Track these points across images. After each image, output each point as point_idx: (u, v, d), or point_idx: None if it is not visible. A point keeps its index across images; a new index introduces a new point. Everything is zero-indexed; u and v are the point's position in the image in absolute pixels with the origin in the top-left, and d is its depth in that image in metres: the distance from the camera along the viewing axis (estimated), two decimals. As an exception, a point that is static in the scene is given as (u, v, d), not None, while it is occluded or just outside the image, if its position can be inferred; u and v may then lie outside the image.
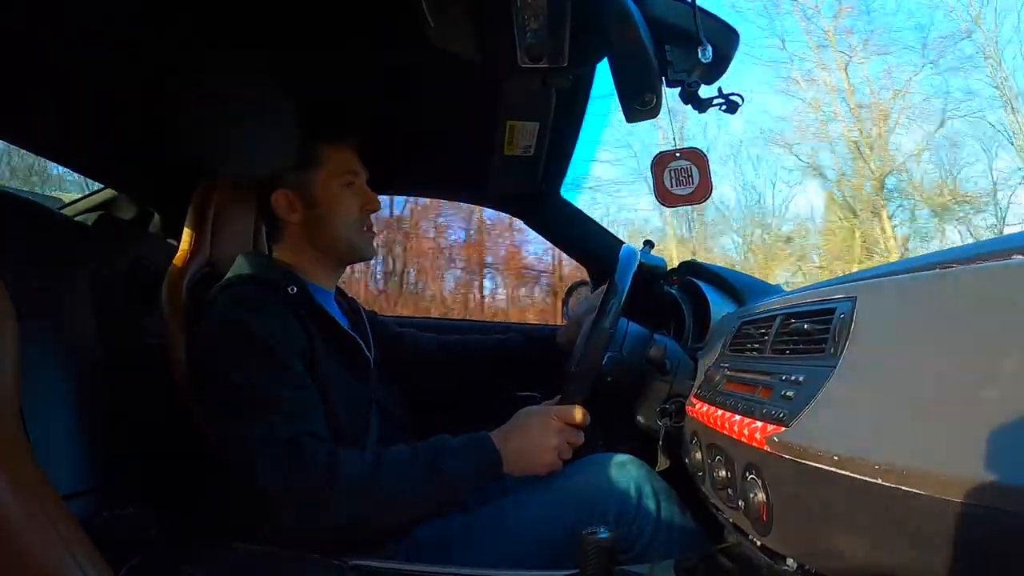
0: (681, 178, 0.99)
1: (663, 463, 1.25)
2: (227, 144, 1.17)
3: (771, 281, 1.69)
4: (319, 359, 1.10)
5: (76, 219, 1.31)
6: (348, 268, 1.39)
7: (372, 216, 1.31)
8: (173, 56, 1.12)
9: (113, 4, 0.97)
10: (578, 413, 1.12)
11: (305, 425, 1.00)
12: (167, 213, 1.59)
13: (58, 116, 1.25)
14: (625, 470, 1.13)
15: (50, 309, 1.02)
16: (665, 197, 1.00)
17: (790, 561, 0.79)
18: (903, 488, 0.54)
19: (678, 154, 0.99)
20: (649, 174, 1.01)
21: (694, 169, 0.99)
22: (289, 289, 1.14)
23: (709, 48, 0.88)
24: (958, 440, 0.51)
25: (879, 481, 0.57)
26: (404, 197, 8.88)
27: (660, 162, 1.00)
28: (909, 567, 0.58)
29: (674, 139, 0.99)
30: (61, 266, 1.09)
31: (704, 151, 1.00)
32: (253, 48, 1.16)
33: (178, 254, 1.18)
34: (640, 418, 1.36)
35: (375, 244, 1.33)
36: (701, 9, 0.89)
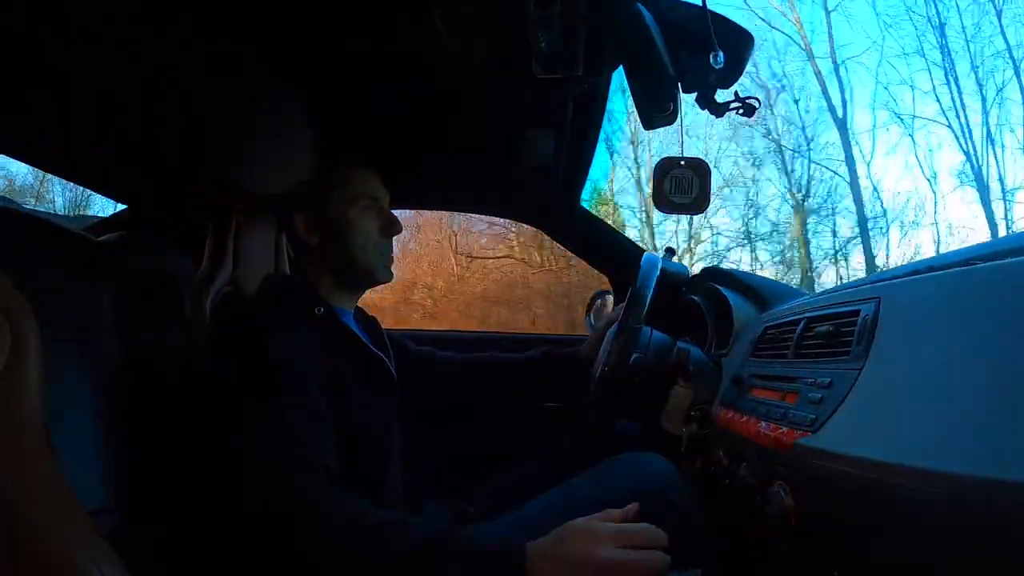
0: (681, 187, 0.98)
1: (688, 470, 1.24)
2: (247, 163, 1.18)
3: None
4: (346, 380, 1.10)
5: (100, 239, 1.32)
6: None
7: None
8: (194, 74, 1.13)
9: (140, 23, 0.99)
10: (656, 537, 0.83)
11: (307, 455, 0.94)
12: (189, 231, 1.61)
13: (80, 136, 1.27)
14: (652, 470, 1.12)
15: (74, 327, 1.03)
16: (663, 203, 1.00)
17: (819, 567, 0.78)
18: (931, 492, 0.53)
19: (682, 162, 0.99)
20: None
21: (695, 180, 0.98)
22: (316, 311, 1.14)
23: (721, 54, 0.88)
24: (989, 442, 0.50)
25: (907, 485, 0.56)
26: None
27: (663, 168, 0.99)
28: (940, 570, 0.57)
29: (681, 147, 0.99)
30: (83, 284, 1.10)
31: (709, 164, 0.99)
32: (272, 66, 1.18)
33: (201, 273, 1.20)
34: (665, 425, 1.35)
35: (391, 269, 1.29)
36: (714, 13, 0.89)
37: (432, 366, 1.48)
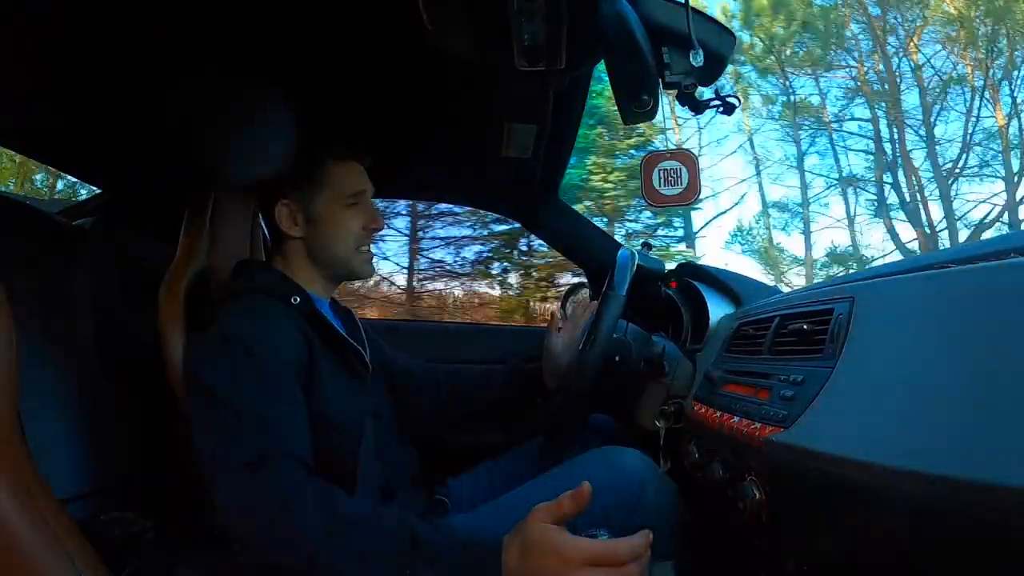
0: (670, 179, 0.99)
1: (664, 465, 1.25)
2: (228, 151, 1.16)
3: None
4: (320, 369, 1.09)
5: (74, 223, 1.30)
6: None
7: None
8: (174, 60, 1.11)
9: (114, 9, 0.97)
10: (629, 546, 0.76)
11: (284, 447, 0.93)
12: (165, 217, 1.58)
13: (56, 120, 1.24)
14: (627, 463, 1.13)
15: (48, 312, 1.01)
16: (653, 196, 1.01)
17: (789, 561, 0.79)
18: (900, 488, 0.54)
19: (669, 155, 0.99)
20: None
21: (683, 171, 0.99)
22: (292, 300, 1.13)
23: (700, 52, 0.88)
24: (957, 441, 0.51)
25: (877, 482, 0.57)
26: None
27: (650, 162, 1.00)
28: (907, 566, 0.58)
29: (666, 140, 0.99)
30: (59, 269, 1.08)
31: (695, 154, 1.00)
32: (254, 57, 1.16)
33: (175, 259, 1.18)
34: (639, 420, 1.36)
35: (372, 264, 1.29)
36: (695, 11, 0.89)
37: (406, 373, 1.44)
